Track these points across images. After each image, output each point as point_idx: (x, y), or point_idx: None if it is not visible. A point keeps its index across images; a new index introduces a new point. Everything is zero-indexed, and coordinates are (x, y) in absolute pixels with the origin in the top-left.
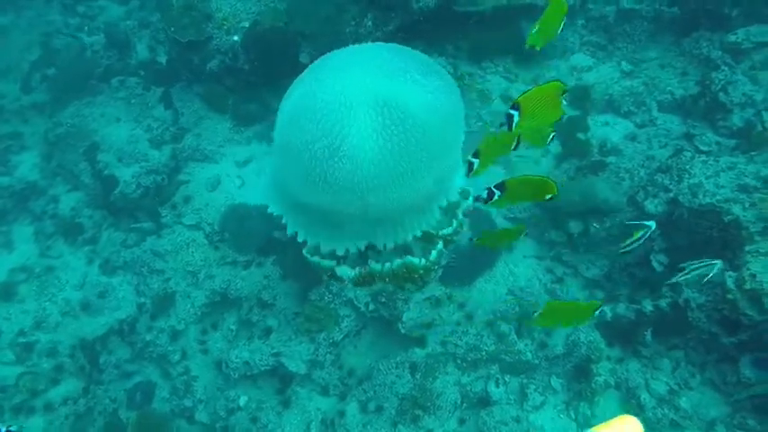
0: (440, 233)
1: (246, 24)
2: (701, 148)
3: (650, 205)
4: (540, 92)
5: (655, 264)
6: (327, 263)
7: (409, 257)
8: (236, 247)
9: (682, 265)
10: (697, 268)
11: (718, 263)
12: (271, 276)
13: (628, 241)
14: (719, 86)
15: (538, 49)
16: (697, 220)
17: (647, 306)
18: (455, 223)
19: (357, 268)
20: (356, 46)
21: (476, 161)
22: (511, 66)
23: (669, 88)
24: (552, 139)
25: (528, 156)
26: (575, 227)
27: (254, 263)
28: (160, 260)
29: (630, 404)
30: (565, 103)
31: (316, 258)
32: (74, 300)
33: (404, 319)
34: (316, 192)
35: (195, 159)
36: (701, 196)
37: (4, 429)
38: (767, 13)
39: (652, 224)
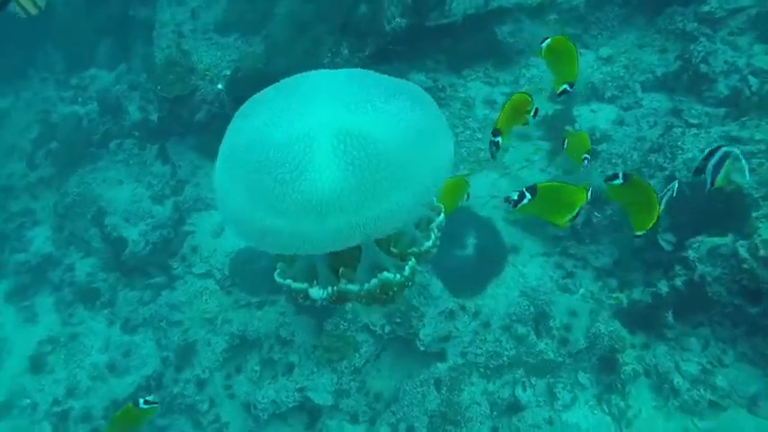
0: (415, 249)
1: (228, 72)
2: (691, 121)
3: None
4: (511, 110)
5: (663, 243)
6: (299, 285)
7: (385, 274)
8: (248, 289)
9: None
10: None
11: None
12: (286, 313)
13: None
14: (700, 58)
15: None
16: (698, 193)
17: (663, 287)
18: (432, 237)
19: (329, 288)
20: (310, 74)
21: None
22: (491, 70)
23: (650, 67)
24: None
25: (521, 154)
26: (577, 219)
27: (267, 302)
28: (177, 312)
29: (663, 389)
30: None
31: (288, 281)
32: (100, 363)
33: (421, 336)
34: (277, 215)
35: (197, 209)
36: None
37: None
38: None
39: (674, 184)
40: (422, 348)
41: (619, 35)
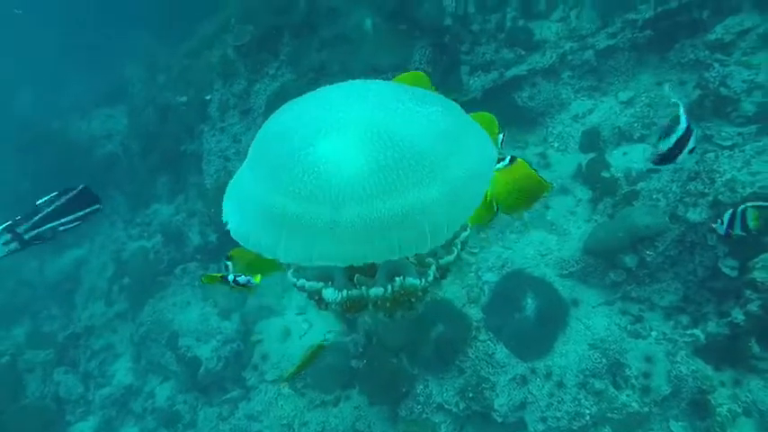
0: (431, 260)
1: None
2: (724, 144)
3: (693, 214)
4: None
5: (726, 270)
6: (313, 285)
7: (409, 279)
8: (321, 387)
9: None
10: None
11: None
12: (360, 406)
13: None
14: (717, 82)
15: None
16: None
17: (738, 315)
18: (454, 252)
19: (345, 291)
20: (344, 83)
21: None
22: (518, 134)
23: (672, 101)
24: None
25: (563, 207)
26: (630, 261)
27: (341, 398)
28: (255, 422)
29: None
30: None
31: (302, 281)
32: None
33: (496, 407)
34: (295, 200)
35: (262, 317)
36: (739, 189)
37: (231, 278)
38: (734, 5)
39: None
40: (499, 420)
41: (635, 77)
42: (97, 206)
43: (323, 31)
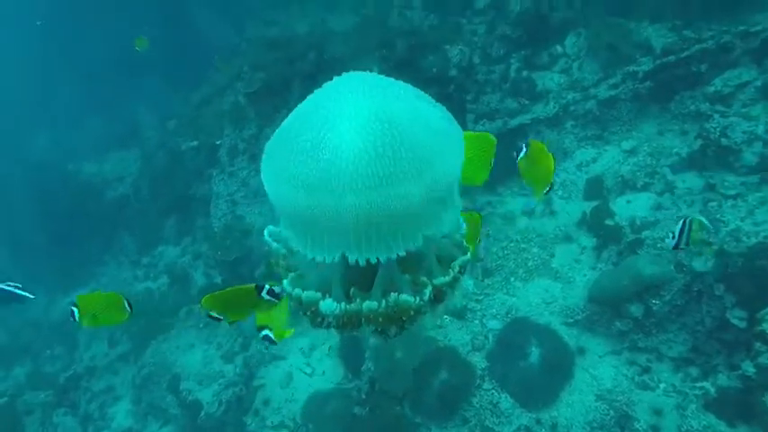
0: (425, 279)
1: None
2: (727, 193)
3: (699, 264)
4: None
5: (735, 321)
6: (310, 295)
7: (403, 295)
8: None
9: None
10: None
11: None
12: None
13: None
14: (718, 133)
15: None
16: (754, 263)
17: (750, 369)
18: (450, 274)
19: (342, 303)
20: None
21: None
22: (523, 183)
23: (675, 150)
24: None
25: (568, 255)
26: (636, 310)
27: None
28: None
29: None
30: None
31: (297, 290)
32: None
33: None
34: (296, 189)
35: (265, 362)
36: (744, 239)
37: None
38: (731, 60)
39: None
40: None
41: (637, 127)
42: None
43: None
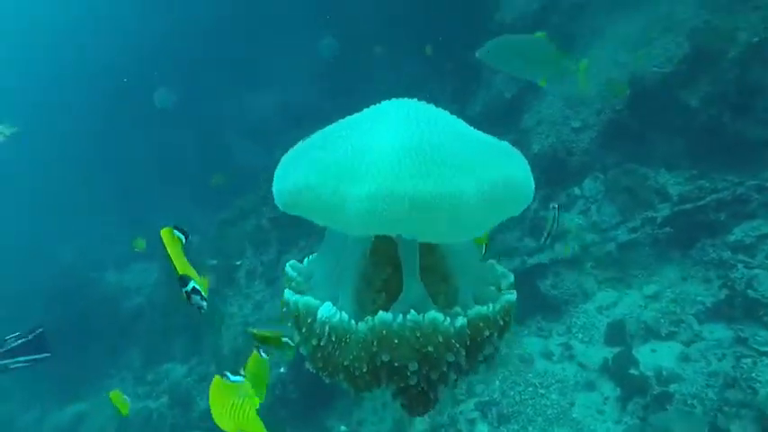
0: (458, 309)
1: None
2: (761, 349)
3: (736, 428)
4: None
5: None
6: (309, 301)
7: (432, 312)
8: None
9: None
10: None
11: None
12: None
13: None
14: (743, 285)
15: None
16: None
17: None
18: (491, 307)
19: (368, 319)
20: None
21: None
22: (542, 323)
23: (699, 298)
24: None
25: (589, 405)
26: None
27: None
28: None
29: None
30: None
31: (296, 297)
32: None
33: None
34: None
35: None
36: None
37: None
38: (748, 211)
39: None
40: None
41: (658, 271)
42: (46, 354)
43: None
